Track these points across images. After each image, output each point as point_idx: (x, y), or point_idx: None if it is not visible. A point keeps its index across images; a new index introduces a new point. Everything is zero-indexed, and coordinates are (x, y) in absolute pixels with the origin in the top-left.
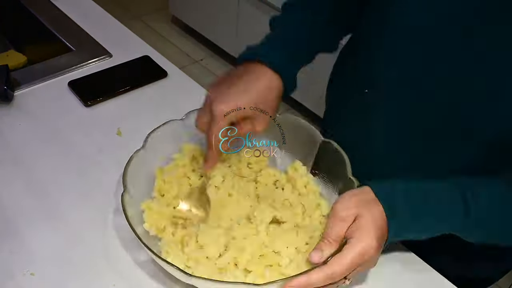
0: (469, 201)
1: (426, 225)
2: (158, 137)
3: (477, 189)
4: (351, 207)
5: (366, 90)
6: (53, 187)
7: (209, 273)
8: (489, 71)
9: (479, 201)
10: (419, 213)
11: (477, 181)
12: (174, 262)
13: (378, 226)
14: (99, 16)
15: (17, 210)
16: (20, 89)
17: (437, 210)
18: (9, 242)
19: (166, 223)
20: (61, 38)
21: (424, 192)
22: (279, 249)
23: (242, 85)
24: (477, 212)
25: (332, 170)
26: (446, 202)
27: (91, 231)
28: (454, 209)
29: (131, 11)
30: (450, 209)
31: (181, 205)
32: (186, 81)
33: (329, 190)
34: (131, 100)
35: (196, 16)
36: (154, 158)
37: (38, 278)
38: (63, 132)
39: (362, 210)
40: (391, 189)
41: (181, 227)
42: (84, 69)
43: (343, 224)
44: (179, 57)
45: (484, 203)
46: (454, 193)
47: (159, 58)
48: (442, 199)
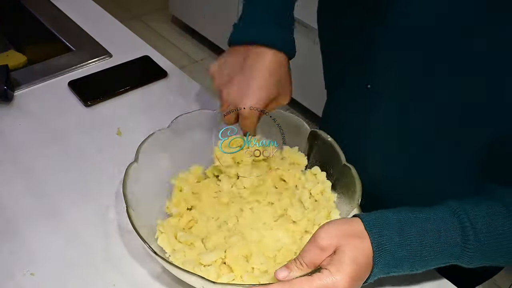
0: (467, 232)
1: (420, 262)
2: (149, 148)
3: (475, 217)
4: (333, 237)
5: (368, 85)
6: (53, 187)
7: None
8: (489, 71)
9: (477, 231)
10: (414, 251)
11: (474, 206)
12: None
13: (357, 263)
14: (99, 16)
15: (17, 210)
16: (20, 89)
17: (433, 244)
18: (9, 242)
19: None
20: (61, 38)
21: (420, 228)
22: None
23: (257, 75)
24: (476, 241)
25: (326, 160)
26: (443, 233)
27: (91, 231)
28: (452, 241)
29: (131, 11)
30: (447, 241)
31: None
32: (186, 81)
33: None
34: (131, 100)
35: (196, 16)
36: (148, 169)
37: (38, 278)
38: (63, 132)
39: (344, 243)
40: (382, 223)
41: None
42: (84, 69)
43: (321, 253)
44: (179, 57)
45: (483, 231)
46: (451, 220)
47: (159, 58)
48: (439, 230)
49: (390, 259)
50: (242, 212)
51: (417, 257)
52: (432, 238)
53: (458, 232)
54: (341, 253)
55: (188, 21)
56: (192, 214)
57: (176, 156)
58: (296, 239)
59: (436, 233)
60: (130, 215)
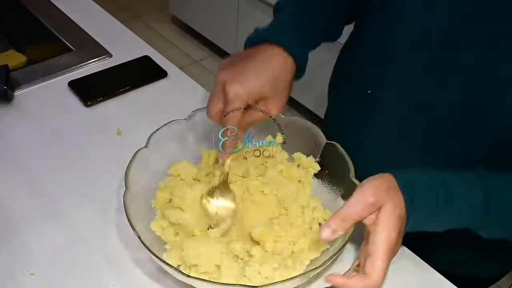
0: (491, 199)
1: (445, 221)
2: (161, 136)
3: (499, 186)
4: (381, 194)
5: (369, 91)
6: (53, 187)
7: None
8: (491, 71)
9: (500, 199)
10: (439, 209)
11: (499, 177)
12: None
13: (399, 216)
14: (99, 16)
15: (17, 210)
16: (20, 89)
17: (457, 206)
18: (9, 242)
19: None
20: (61, 38)
21: (445, 187)
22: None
23: (255, 65)
24: (498, 210)
25: (335, 172)
26: (467, 198)
27: (91, 231)
28: (475, 206)
29: (131, 11)
30: (470, 206)
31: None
32: (186, 81)
33: (330, 194)
34: (131, 100)
35: (196, 16)
36: (157, 157)
37: (38, 278)
38: (63, 132)
39: (387, 199)
40: (412, 181)
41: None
42: (84, 69)
43: (369, 209)
44: (179, 57)
45: (506, 202)
46: (476, 188)
47: (159, 58)
48: (463, 195)
49: (418, 219)
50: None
51: (439, 220)
52: (458, 196)
53: (483, 198)
54: (386, 211)
55: (188, 21)
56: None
57: (186, 149)
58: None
59: (461, 196)
60: (125, 199)
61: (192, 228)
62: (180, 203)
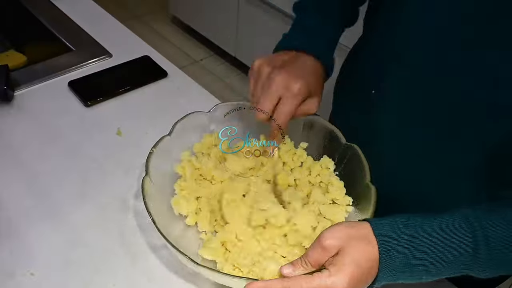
0: (478, 240)
1: (432, 270)
2: (185, 126)
3: (488, 225)
4: (337, 238)
5: (373, 91)
6: (53, 187)
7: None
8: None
9: (490, 240)
10: (424, 258)
11: (488, 214)
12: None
13: (358, 266)
14: (99, 16)
15: (17, 210)
16: (20, 89)
17: (444, 252)
18: (9, 242)
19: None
20: (61, 38)
21: (430, 236)
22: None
23: (297, 65)
24: (488, 250)
25: (351, 174)
26: (455, 242)
27: (91, 231)
28: (463, 250)
29: (131, 11)
30: (459, 250)
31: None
32: (186, 81)
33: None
34: (131, 100)
35: (196, 16)
36: (179, 146)
37: (38, 278)
38: (63, 132)
39: (347, 245)
40: (392, 228)
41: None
42: (84, 69)
43: (324, 254)
44: (179, 57)
45: (496, 240)
46: (462, 228)
47: (159, 58)
48: (450, 238)
49: (398, 265)
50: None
51: (427, 265)
52: (443, 246)
53: (470, 240)
54: (343, 255)
55: (188, 21)
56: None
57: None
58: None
59: (448, 241)
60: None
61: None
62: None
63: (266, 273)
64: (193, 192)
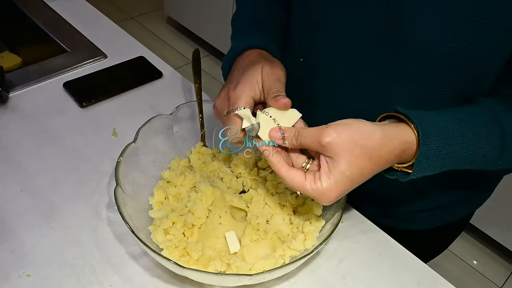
0: (506, 138)
1: (458, 154)
2: (148, 131)
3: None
4: (340, 146)
5: (301, 59)
6: (48, 188)
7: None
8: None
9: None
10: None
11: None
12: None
13: (347, 177)
14: (94, 17)
15: (12, 211)
16: (15, 90)
17: (473, 147)
18: (4, 243)
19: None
20: (56, 39)
21: (457, 119)
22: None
23: (243, 74)
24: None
25: None
26: (484, 139)
27: (86, 232)
28: (491, 146)
29: (126, 12)
30: (488, 146)
31: None
32: (181, 81)
33: None
34: (127, 101)
35: (191, 16)
36: (145, 151)
37: (34, 279)
38: (58, 133)
39: (341, 153)
40: (421, 115)
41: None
42: (79, 70)
43: (317, 148)
44: (174, 57)
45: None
46: (491, 127)
47: (154, 59)
48: (480, 134)
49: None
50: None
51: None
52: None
53: (498, 136)
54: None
55: (183, 22)
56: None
57: (172, 144)
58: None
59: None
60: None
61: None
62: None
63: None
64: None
